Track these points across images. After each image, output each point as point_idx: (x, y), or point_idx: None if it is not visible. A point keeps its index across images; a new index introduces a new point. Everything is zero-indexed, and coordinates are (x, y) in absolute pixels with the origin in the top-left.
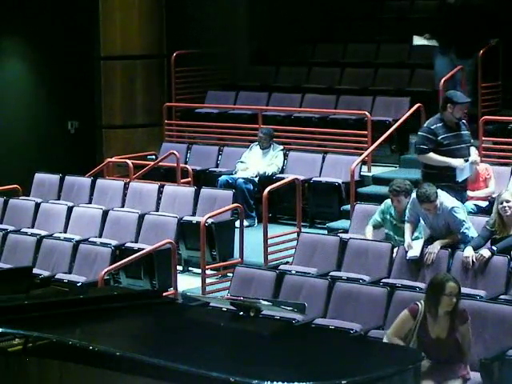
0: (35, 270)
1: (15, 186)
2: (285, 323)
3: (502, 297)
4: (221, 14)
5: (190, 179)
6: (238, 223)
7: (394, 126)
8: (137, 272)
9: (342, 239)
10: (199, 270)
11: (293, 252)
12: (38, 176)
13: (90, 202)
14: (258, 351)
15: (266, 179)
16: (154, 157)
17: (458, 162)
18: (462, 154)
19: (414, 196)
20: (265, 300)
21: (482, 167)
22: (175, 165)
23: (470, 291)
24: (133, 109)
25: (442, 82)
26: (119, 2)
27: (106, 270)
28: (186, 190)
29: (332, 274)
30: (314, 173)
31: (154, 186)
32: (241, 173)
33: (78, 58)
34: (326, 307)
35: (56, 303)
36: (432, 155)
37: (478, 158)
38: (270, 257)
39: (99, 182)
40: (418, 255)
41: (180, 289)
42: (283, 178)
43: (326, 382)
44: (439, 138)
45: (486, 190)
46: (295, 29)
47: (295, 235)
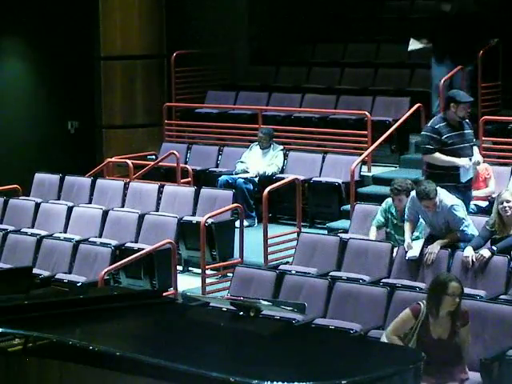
0: (35, 270)
1: (15, 186)
2: (285, 323)
3: (502, 297)
4: (221, 14)
5: (190, 179)
6: (238, 223)
7: (393, 126)
8: (137, 272)
9: (341, 239)
10: (199, 270)
11: (293, 252)
12: (38, 176)
13: (90, 202)
14: (258, 351)
15: (266, 179)
16: (153, 157)
17: (464, 162)
18: (466, 153)
19: (413, 194)
20: (265, 300)
21: (481, 167)
22: (175, 165)
23: (469, 291)
24: (133, 109)
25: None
26: (119, 2)
27: (106, 270)
28: (186, 189)
29: (332, 274)
30: (313, 173)
31: (153, 186)
32: (241, 174)
33: (78, 58)
34: (325, 307)
35: (56, 303)
36: (438, 155)
37: (481, 158)
38: (270, 257)
39: (99, 182)
40: (418, 255)
41: (180, 289)
42: (283, 178)
43: (325, 382)
44: (443, 137)
45: (486, 189)
46: (295, 29)
47: (295, 235)
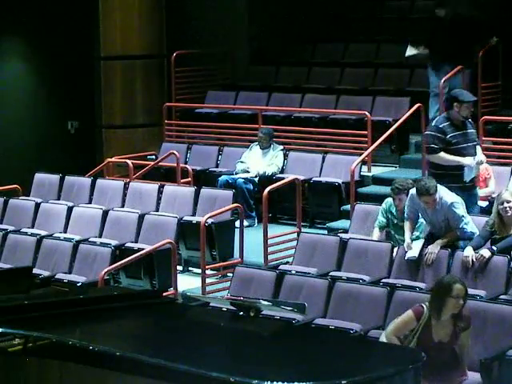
0: (35, 270)
1: (15, 185)
2: (285, 323)
3: (502, 297)
4: (221, 14)
5: (190, 179)
6: (238, 223)
7: (393, 126)
8: (137, 272)
9: (341, 239)
10: (199, 270)
11: (293, 252)
12: (38, 176)
13: (90, 202)
14: (258, 351)
15: (266, 179)
16: (154, 157)
17: (469, 161)
18: (470, 152)
19: (412, 192)
20: (265, 300)
21: (481, 167)
22: (175, 165)
23: (469, 291)
24: (133, 109)
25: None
26: (119, 2)
27: (106, 270)
28: (186, 190)
29: (332, 274)
30: (313, 173)
31: (153, 186)
32: (241, 174)
33: (78, 57)
34: (325, 307)
35: (56, 303)
36: (443, 155)
37: (484, 158)
38: (270, 257)
39: (99, 182)
40: (417, 256)
41: (180, 289)
42: (283, 178)
43: (325, 382)
44: (447, 136)
45: (486, 189)
46: (295, 29)
47: (295, 235)
